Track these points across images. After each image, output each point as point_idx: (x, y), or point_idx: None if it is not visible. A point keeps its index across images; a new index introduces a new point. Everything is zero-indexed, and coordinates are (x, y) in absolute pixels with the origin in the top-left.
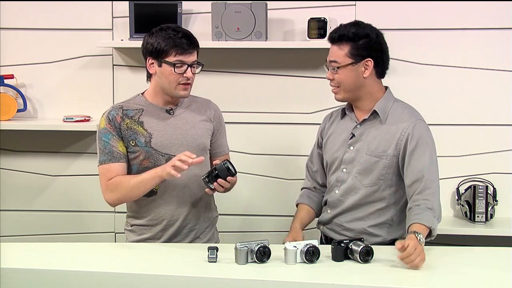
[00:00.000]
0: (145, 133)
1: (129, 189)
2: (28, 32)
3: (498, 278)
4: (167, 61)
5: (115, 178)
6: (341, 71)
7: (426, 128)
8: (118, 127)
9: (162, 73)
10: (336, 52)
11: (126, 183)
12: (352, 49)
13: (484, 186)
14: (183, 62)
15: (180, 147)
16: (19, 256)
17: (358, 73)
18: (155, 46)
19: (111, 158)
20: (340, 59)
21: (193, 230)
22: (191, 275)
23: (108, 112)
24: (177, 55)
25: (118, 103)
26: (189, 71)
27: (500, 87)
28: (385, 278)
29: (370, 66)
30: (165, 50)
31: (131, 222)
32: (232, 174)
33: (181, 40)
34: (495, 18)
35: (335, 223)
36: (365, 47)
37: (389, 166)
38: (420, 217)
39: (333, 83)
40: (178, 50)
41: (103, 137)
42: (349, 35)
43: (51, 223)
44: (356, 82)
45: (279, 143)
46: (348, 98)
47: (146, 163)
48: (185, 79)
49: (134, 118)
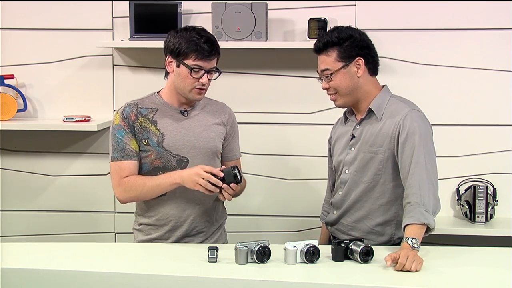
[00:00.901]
0: (158, 133)
1: (145, 192)
2: (28, 32)
3: (498, 278)
4: (186, 63)
5: (130, 178)
6: (335, 77)
7: (418, 118)
8: (132, 124)
9: (179, 73)
10: (325, 60)
11: (141, 185)
12: (339, 53)
13: (484, 186)
14: (201, 68)
15: (192, 150)
16: (19, 256)
17: (351, 74)
18: (176, 46)
19: (124, 156)
20: (331, 65)
21: (202, 232)
22: (191, 275)
23: (123, 109)
24: (197, 59)
25: (133, 100)
26: (205, 77)
27: (500, 87)
28: (385, 278)
29: (361, 64)
30: (185, 52)
31: (139, 221)
32: (238, 181)
33: (203, 46)
34: (495, 18)
35: (342, 223)
36: (352, 47)
37: (386, 160)
38: (412, 216)
39: (330, 91)
40: (199, 55)
41: (116, 134)
42: (333, 40)
43: (51, 223)
44: (352, 84)
45: (279, 143)
46: (348, 102)
47: (157, 163)
48: (200, 84)
49: (148, 117)
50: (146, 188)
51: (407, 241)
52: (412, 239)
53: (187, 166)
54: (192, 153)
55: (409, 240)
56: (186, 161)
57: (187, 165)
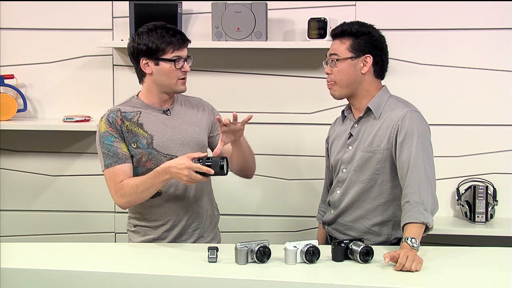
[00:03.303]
0: (146, 134)
1: (139, 193)
2: (28, 32)
3: (498, 278)
4: (166, 58)
5: (123, 183)
6: (340, 64)
7: (417, 118)
8: (119, 129)
9: (161, 70)
10: (337, 45)
11: (134, 188)
12: (353, 44)
13: (484, 186)
14: (180, 57)
15: (181, 147)
16: (19, 256)
17: (356, 68)
18: (149, 46)
19: (117, 160)
20: (341, 52)
21: (198, 228)
22: (191, 275)
23: (107, 116)
24: (174, 51)
25: (114, 106)
26: (186, 65)
27: (500, 87)
28: (385, 278)
29: (369, 62)
30: (162, 48)
31: (134, 223)
32: (223, 174)
33: (176, 37)
34: (495, 18)
35: (340, 223)
36: (366, 43)
37: (384, 160)
38: (411, 215)
39: (330, 77)
40: (175, 46)
41: (105, 141)
42: (352, 30)
43: (51, 223)
44: (353, 77)
45: (279, 143)
46: (344, 94)
47: (149, 165)
48: (184, 73)
49: (133, 120)
50: (139, 190)
51: (406, 241)
52: (412, 238)
53: None
54: (181, 151)
55: (409, 239)
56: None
57: None
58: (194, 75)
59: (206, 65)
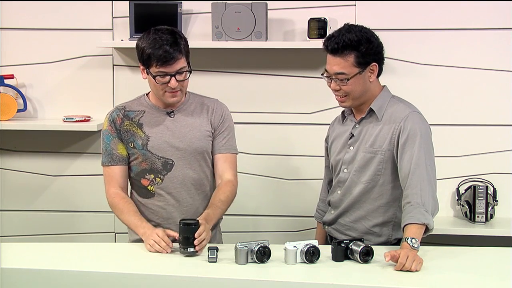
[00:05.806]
0: (143, 135)
1: (119, 217)
2: (28, 32)
3: (498, 278)
4: (150, 72)
5: (114, 199)
6: (350, 82)
7: (419, 120)
8: (118, 129)
9: (149, 80)
10: (341, 63)
11: (119, 214)
12: (357, 58)
13: (484, 186)
14: (166, 73)
15: (176, 152)
16: (19, 256)
17: (365, 79)
18: (141, 53)
19: (111, 161)
20: (348, 70)
21: None
22: (191, 275)
23: (111, 113)
24: (158, 66)
25: (122, 103)
26: (173, 81)
27: (500, 87)
28: (385, 278)
29: (375, 70)
30: (148, 61)
31: None
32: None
33: (163, 50)
34: (495, 18)
35: (340, 223)
36: (369, 52)
37: (385, 161)
38: (412, 215)
39: (340, 92)
40: (159, 61)
41: (105, 139)
42: (353, 44)
43: (51, 223)
44: (364, 88)
45: (279, 143)
46: (355, 104)
47: (144, 165)
48: (170, 88)
49: (134, 120)
50: (120, 217)
51: (406, 241)
52: (412, 239)
53: (172, 168)
54: (177, 155)
55: (409, 240)
56: (172, 163)
57: (173, 167)
58: (194, 75)
59: (206, 65)
